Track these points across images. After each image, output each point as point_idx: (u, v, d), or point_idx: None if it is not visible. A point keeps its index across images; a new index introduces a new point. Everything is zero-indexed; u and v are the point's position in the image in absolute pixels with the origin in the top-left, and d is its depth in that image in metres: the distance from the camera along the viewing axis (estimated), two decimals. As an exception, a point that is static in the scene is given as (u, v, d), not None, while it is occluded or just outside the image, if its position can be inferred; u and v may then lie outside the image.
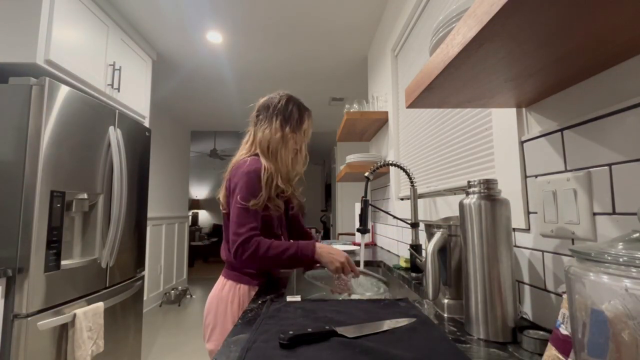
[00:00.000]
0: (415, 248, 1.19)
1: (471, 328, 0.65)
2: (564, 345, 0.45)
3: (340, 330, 0.63)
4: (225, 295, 1.07)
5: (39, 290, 1.39)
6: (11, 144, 1.41)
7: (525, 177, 0.73)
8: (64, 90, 1.53)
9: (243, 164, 1.07)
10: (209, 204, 8.32)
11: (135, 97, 2.33)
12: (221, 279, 1.13)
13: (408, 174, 1.23)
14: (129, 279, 2.03)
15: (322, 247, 1.02)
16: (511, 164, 0.77)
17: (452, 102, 0.68)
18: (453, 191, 1.14)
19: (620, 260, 0.32)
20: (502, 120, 0.80)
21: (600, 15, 0.37)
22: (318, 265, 1.05)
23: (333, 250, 1.03)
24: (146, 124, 2.47)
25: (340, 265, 1.00)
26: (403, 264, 1.30)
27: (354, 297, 1.20)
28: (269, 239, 1.01)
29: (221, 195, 1.12)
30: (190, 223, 6.66)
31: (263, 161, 1.08)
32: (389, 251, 1.86)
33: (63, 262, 1.52)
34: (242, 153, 1.15)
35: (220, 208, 1.13)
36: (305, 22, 2.28)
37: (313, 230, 3.06)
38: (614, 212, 0.52)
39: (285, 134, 1.12)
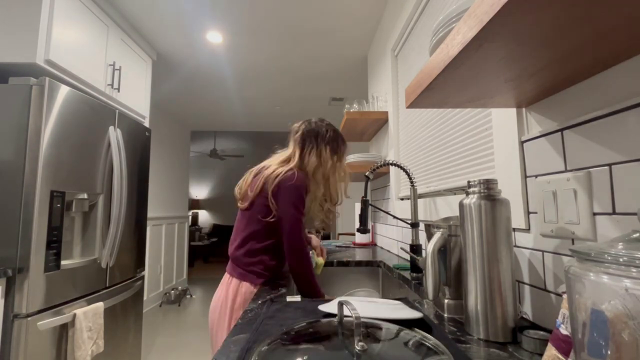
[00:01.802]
0: (415, 248, 1.19)
1: (471, 328, 0.65)
2: (564, 345, 0.45)
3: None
4: (232, 292, 1.10)
5: (39, 290, 1.39)
6: (11, 144, 1.41)
7: (525, 177, 0.73)
8: (64, 90, 1.53)
9: (292, 177, 1.13)
10: (209, 204, 8.32)
11: (135, 97, 2.33)
12: (226, 277, 1.16)
13: (408, 174, 1.23)
14: (129, 279, 2.03)
15: None
16: (511, 164, 0.77)
17: (452, 102, 0.68)
18: (453, 191, 1.14)
19: (620, 260, 0.32)
20: (502, 120, 0.80)
21: (600, 15, 0.37)
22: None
23: None
24: (146, 124, 2.47)
25: None
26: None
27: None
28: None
29: (252, 194, 1.16)
30: (190, 223, 6.66)
31: (314, 186, 1.20)
32: (389, 251, 1.86)
33: (63, 262, 1.52)
34: (283, 168, 1.17)
35: (240, 205, 1.21)
36: (305, 22, 2.28)
37: (314, 232, 3.06)
38: (614, 212, 0.52)
39: (334, 164, 1.24)
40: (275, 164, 1.21)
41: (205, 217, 8.32)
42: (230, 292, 1.11)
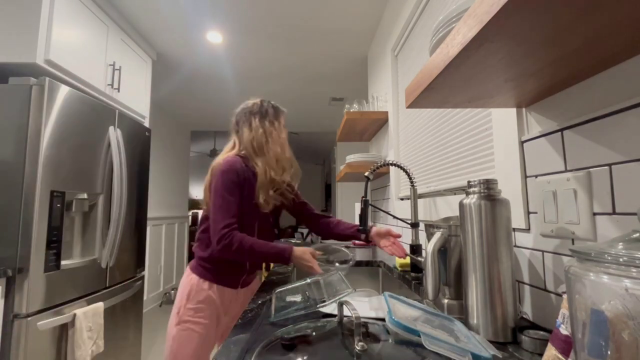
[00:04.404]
0: (415, 248, 1.19)
1: (471, 328, 0.65)
2: (564, 345, 0.45)
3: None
4: (184, 283, 1.17)
5: (39, 290, 1.39)
6: (11, 144, 1.41)
7: (525, 177, 0.73)
8: (64, 90, 1.53)
9: (220, 163, 1.15)
10: (209, 204, 8.31)
11: (135, 97, 2.33)
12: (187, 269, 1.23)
13: (408, 174, 1.23)
14: (129, 279, 2.03)
15: (296, 252, 1.09)
16: (511, 164, 0.77)
17: (452, 102, 0.68)
18: (453, 191, 1.14)
19: (620, 260, 0.32)
20: (502, 120, 0.80)
21: (600, 16, 0.37)
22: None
23: (304, 256, 1.09)
24: (146, 124, 2.47)
25: (307, 270, 1.09)
26: (399, 267, 1.27)
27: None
28: (251, 237, 1.08)
29: (204, 196, 1.20)
30: (190, 223, 6.65)
31: (258, 162, 1.17)
32: (389, 251, 1.86)
33: (63, 262, 1.52)
34: (224, 156, 1.20)
35: (203, 207, 1.21)
36: (305, 21, 2.28)
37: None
38: (614, 212, 0.52)
39: (266, 129, 1.22)
40: (221, 155, 1.23)
41: (205, 217, 8.31)
42: (185, 280, 1.17)
